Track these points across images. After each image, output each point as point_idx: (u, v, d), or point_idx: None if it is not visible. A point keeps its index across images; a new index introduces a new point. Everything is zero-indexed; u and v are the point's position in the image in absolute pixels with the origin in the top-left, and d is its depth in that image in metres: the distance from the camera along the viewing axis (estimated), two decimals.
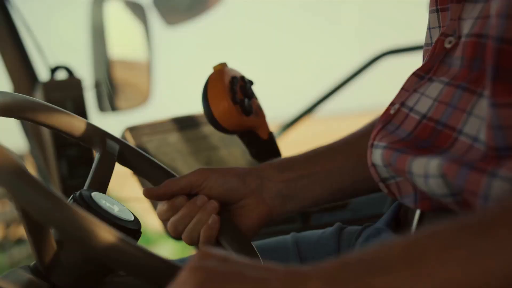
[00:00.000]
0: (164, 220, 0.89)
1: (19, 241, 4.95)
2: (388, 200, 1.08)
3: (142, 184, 1.19)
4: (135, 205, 1.55)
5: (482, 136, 0.61)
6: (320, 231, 0.98)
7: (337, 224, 0.97)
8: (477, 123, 0.63)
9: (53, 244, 0.71)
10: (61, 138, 1.48)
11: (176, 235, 0.88)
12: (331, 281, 0.49)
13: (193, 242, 0.87)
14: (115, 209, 0.75)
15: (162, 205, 0.88)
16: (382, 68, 2.11)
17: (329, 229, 0.97)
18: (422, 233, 0.51)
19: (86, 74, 1.65)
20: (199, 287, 0.51)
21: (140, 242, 0.67)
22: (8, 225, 5.13)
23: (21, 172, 0.61)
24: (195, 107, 1.23)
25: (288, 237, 0.99)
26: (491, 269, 0.47)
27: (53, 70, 1.56)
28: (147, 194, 0.87)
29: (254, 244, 0.90)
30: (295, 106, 2.28)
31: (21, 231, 5.22)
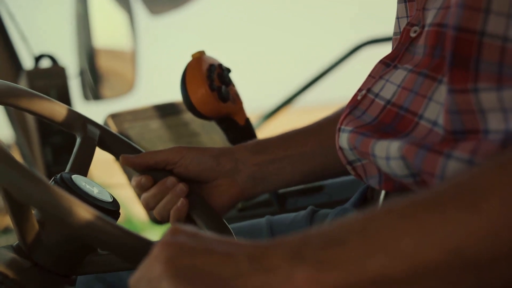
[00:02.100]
0: (138, 194, 0.94)
1: (6, 230, 4.96)
2: (362, 183, 1.11)
3: (124, 170, 1.22)
4: (122, 192, 1.58)
5: (441, 120, 0.64)
6: (293, 214, 1.01)
7: (310, 207, 1.01)
8: (436, 108, 0.66)
9: (35, 224, 0.74)
10: (45, 126, 1.51)
11: (148, 210, 0.93)
12: (292, 254, 0.52)
13: (163, 219, 0.92)
14: (95, 191, 0.78)
15: (133, 181, 0.92)
16: (363, 58, 2.15)
17: (302, 212, 1.00)
18: (378, 210, 0.54)
19: (70, 63, 1.67)
20: (170, 261, 0.54)
21: None
22: None
23: (3, 153, 0.64)
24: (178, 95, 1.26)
25: (263, 220, 1.02)
26: (439, 242, 0.49)
27: (37, 59, 1.58)
28: (123, 160, 0.92)
29: (230, 227, 0.94)
30: (276, 96, 2.31)
31: (7, 220, 5.23)
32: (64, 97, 1.51)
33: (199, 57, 1.01)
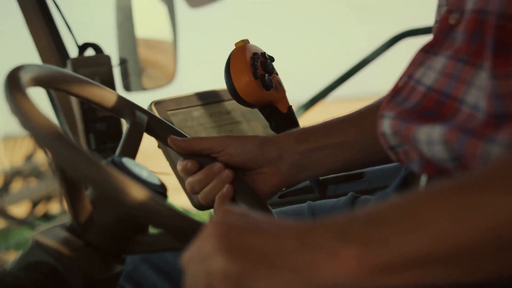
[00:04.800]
0: (183, 178, 0.97)
1: (44, 217, 5.06)
2: (402, 170, 1.13)
3: (167, 156, 1.25)
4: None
5: (482, 105, 0.65)
6: (334, 200, 1.03)
7: (350, 193, 1.03)
8: (477, 93, 0.67)
9: (88, 204, 0.77)
10: (89, 113, 1.54)
11: (193, 194, 0.96)
12: (338, 233, 0.55)
13: (207, 203, 0.94)
14: (144, 174, 0.81)
15: (178, 165, 0.96)
16: (401, 50, 2.15)
17: (343, 198, 1.03)
18: (421, 191, 0.56)
19: (112, 53, 1.70)
20: (222, 238, 0.57)
21: None
22: (35, 203, 5.24)
23: (60, 135, 0.68)
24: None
25: (304, 205, 1.05)
26: (479, 223, 0.52)
27: (82, 48, 1.61)
28: (172, 141, 0.95)
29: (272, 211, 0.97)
30: (312, 88, 2.32)
31: (46, 208, 5.33)
32: (108, 85, 1.54)
33: (243, 46, 1.03)
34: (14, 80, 0.74)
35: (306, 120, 1.11)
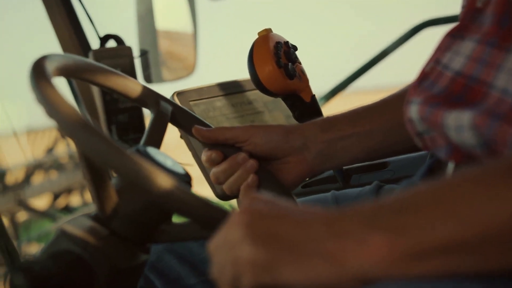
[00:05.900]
0: (207, 168, 0.97)
1: (65, 210, 5.10)
2: (426, 159, 1.13)
3: (190, 147, 1.25)
4: None
5: (511, 89, 0.65)
6: (359, 189, 1.03)
7: (375, 182, 1.02)
8: (506, 77, 0.66)
9: (113, 193, 0.78)
10: (111, 104, 1.55)
11: (217, 184, 0.96)
12: (366, 220, 0.54)
13: (232, 193, 0.94)
14: (168, 163, 0.81)
15: (203, 155, 0.95)
16: (424, 40, 2.13)
17: (367, 187, 1.02)
18: (449, 178, 0.56)
19: (133, 44, 1.70)
20: (250, 226, 0.57)
21: None
22: (56, 196, 5.28)
23: (86, 124, 0.68)
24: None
25: (328, 194, 1.04)
26: (504, 210, 0.51)
27: (103, 39, 1.62)
28: (196, 131, 0.94)
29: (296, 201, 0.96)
30: (334, 79, 2.31)
31: (67, 200, 5.37)
32: (130, 75, 1.54)
33: (266, 35, 1.03)
34: (39, 70, 0.75)
35: (326, 111, 1.11)
